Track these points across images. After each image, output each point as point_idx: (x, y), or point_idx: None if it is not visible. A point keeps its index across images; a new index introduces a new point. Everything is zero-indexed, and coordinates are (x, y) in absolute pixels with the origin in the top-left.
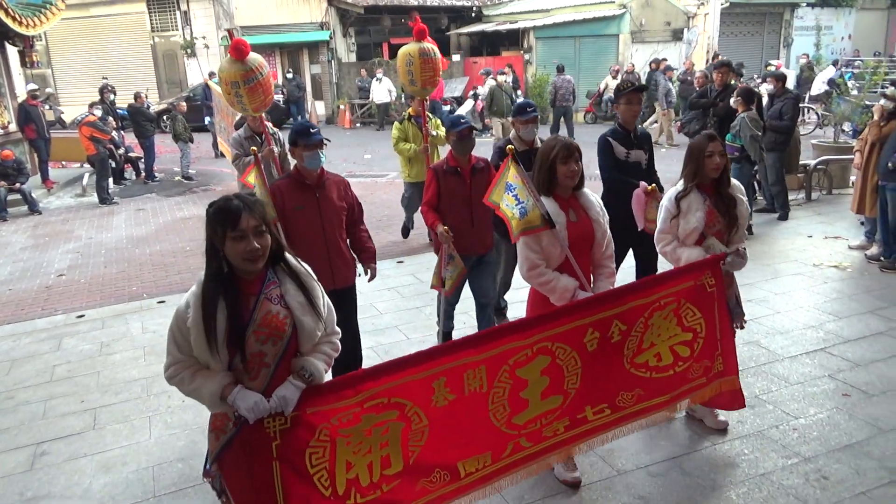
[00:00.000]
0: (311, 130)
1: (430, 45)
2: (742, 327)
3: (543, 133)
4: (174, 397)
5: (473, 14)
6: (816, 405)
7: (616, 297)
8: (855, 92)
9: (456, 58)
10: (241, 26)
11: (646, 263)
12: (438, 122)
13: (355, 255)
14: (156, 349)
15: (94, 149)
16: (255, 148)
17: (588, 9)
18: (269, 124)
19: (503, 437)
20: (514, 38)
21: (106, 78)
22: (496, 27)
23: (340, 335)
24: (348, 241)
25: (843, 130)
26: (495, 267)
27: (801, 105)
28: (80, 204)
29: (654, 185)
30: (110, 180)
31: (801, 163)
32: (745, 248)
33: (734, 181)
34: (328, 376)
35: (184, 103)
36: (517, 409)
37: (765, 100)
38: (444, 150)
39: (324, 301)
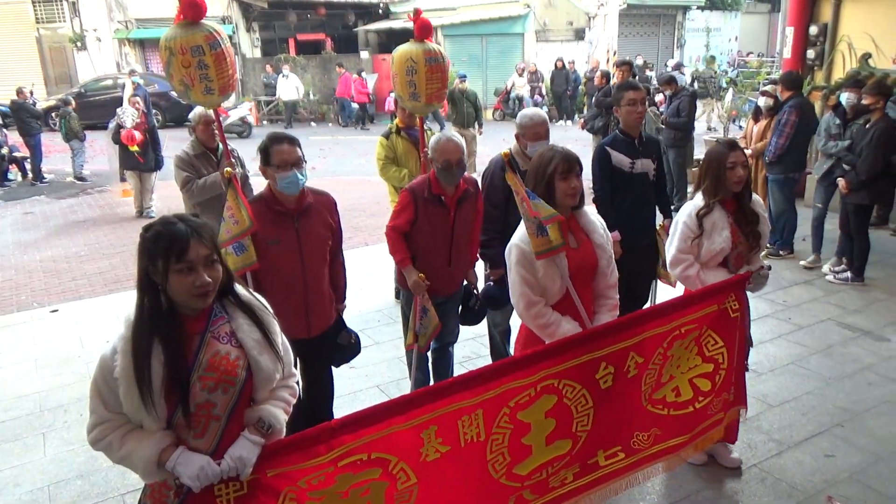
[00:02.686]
0: (288, 140)
1: (436, 46)
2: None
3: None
4: (71, 411)
5: (381, 11)
6: None
7: (633, 325)
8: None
9: (364, 55)
10: (137, 19)
11: (635, 299)
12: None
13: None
14: (49, 361)
15: None
16: (228, 169)
17: (494, 7)
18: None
19: (504, 490)
20: None
21: None
22: (404, 25)
23: (298, 378)
24: None
25: (740, 127)
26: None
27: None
28: None
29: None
30: None
31: (695, 157)
32: (769, 267)
33: (755, 196)
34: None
35: (73, 100)
36: (519, 458)
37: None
38: None
39: (281, 338)
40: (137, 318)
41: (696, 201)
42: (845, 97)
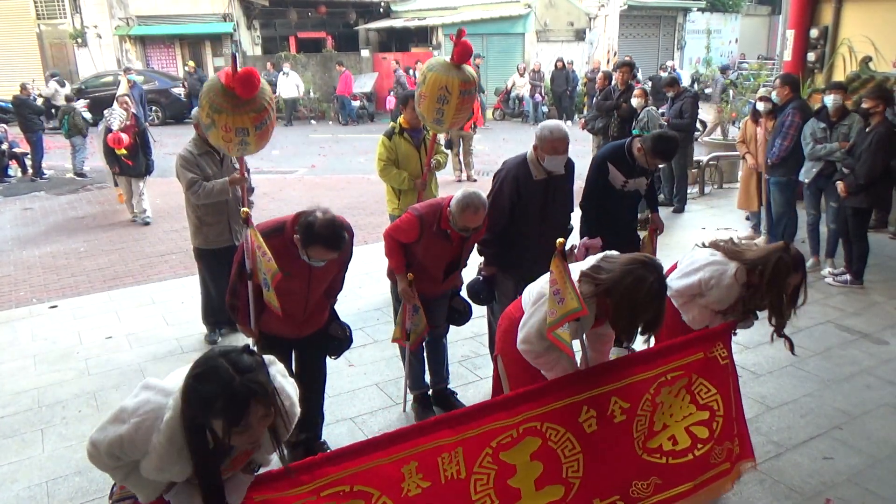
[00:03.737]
0: (340, 238)
1: (472, 74)
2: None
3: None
4: (69, 407)
5: (382, 10)
6: None
7: (612, 370)
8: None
9: (365, 53)
10: (138, 16)
11: None
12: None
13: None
14: (47, 357)
15: None
16: (245, 209)
17: (494, 7)
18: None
19: None
20: (423, 35)
21: None
22: (405, 23)
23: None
24: None
25: (738, 129)
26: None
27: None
28: None
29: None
30: None
31: (694, 159)
32: (755, 317)
33: None
34: None
35: (74, 97)
36: (508, 501)
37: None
38: (439, 174)
39: (296, 409)
40: (192, 454)
41: (731, 269)
42: (830, 99)
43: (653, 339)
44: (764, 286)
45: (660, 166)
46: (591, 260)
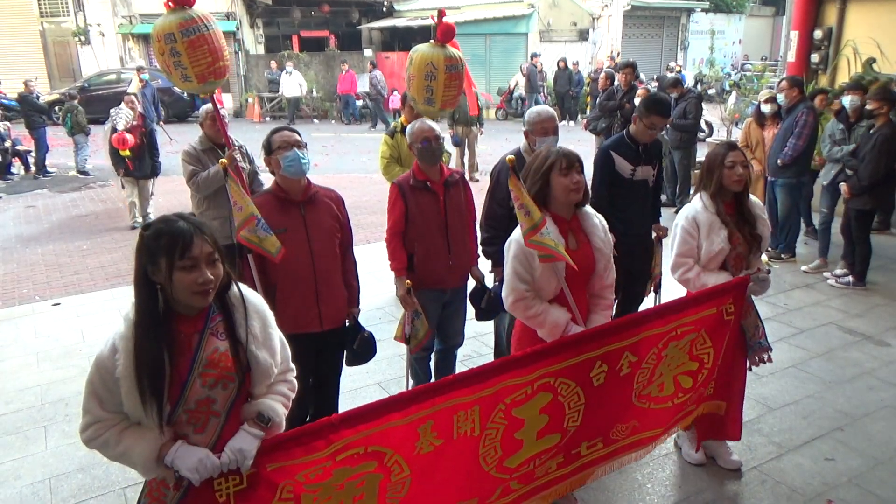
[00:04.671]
0: (287, 128)
1: (456, 52)
2: (761, 363)
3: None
4: (72, 404)
5: (385, 9)
6: None
7: (631, 325)
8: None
9: (368, 52)
10: (140, 14)
11: (630, 300)
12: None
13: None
14: (50, 355)
15: None
16: (223, 160)
17: (497, 7)
18: (234, 137)
19: (492, 481)
20: (425, 34)
21: None
22: (408, 22)
23: (296, 373)
24: None
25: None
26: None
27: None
28: None
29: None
30: None
31: (697, 160)
32: (768, 270)
33: (753, 197)
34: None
35: (77, 94)
36: (510, 451)
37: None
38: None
39: (278, 333)
40: (138, 317)
41: (694, 204)
42: (848, 100)
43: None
44: (708, 174)
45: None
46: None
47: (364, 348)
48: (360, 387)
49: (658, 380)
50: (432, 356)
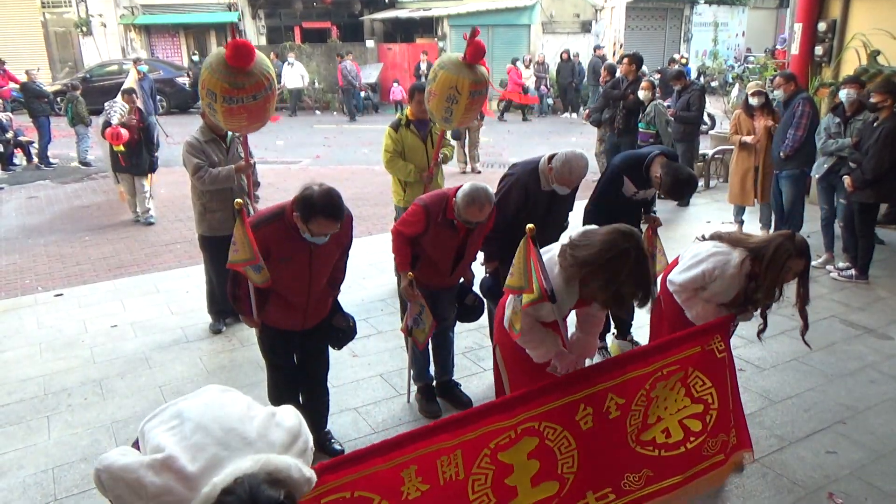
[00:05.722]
0: (335, 216)
1: (484, 73)
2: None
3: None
4: (75, 394)
5: (387, 0)
6: None
7: (610, 368)
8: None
9: (370, 44)
10: (143, 5)
11: (620, 320)
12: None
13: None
14: (52, 345)
15: None
16: (239, 200)
17: None
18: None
19: None
20: (428, 26)
21: None
22: (410, 14)
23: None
24: None
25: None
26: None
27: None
28: None
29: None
30: None
31: (700, 152)
32: (753, 311)
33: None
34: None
35: (79, 85)
36: (505, 499)
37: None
38: (446, 167)
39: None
40: None
41: (735, 257)
42: (845, 93)
43: (647, 309)
44: (763, 271)
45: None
46: (570, 236)
47: (344, 327)
48: (361, 378)
49: (659, 425)
50: (430, 340)
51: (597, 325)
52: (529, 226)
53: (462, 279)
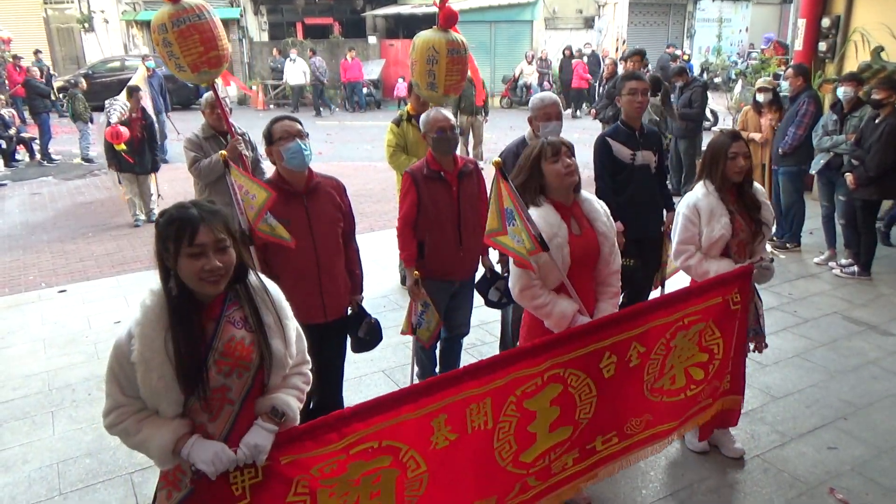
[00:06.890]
0: (288, 117)
1: (459, 36)
2: (760, 350)
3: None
4: (78, 390)
5: None
6: None
7: (638, 315)
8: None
9: (372, 40)
10: (145, 0)
11: (638, 289)
12: None
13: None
14: (56, 341)
15: None
16: (223, 152)
17: None
18: (236, 125)
19: (510, 477)
20: (430, 21)
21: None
22: (412, 10)
23: (311, 366)
24: None
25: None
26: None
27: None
28: None
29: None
30: (0, 162)
31: (702, 149)
32: (771, 259)
33: (756, 185)
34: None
35: (83, 81)
36: (525, 445)
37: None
38: None
39: (294, 324)
40: (152, 303)
41: (695, 191)
42: (842, 91)
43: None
44: (711, 164)
45: (665, 145)
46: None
47: (370, 335)
48: (364, 374)
49: (669, 372)
50: (438, 344)
51: (615, 293)
52: (495, 160)
53: (473, 275)
